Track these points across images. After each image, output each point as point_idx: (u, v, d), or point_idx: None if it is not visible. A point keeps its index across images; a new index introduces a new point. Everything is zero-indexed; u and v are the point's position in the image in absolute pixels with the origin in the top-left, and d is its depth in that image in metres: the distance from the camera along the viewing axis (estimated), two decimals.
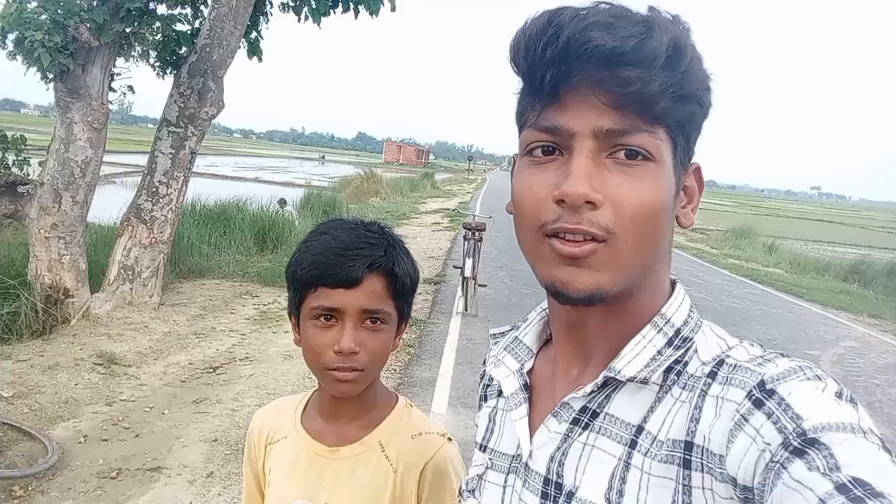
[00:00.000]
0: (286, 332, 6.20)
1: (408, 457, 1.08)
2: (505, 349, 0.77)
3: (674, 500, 0.55)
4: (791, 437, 0.47)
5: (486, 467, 0.75)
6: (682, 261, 15.34)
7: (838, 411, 0.48)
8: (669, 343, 0.63)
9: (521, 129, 0.65)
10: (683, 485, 0.55)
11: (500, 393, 0.78)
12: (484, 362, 0.86)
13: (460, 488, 0.80)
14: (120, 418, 4.11)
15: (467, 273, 7.30)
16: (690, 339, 0.63)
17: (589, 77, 0.57)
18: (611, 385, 0.63)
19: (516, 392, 0.72)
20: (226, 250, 8.87)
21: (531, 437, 0.68)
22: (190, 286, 7.52)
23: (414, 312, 1.21)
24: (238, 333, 6.08)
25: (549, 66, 0.57)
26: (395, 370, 5.44)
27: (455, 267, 8.12)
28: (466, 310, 7.48)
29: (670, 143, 0.60)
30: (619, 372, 0.62)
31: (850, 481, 0.43)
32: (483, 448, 0.77)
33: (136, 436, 3.92)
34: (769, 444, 0.48)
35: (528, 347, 0.76)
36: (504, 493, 0.71)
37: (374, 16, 8.54)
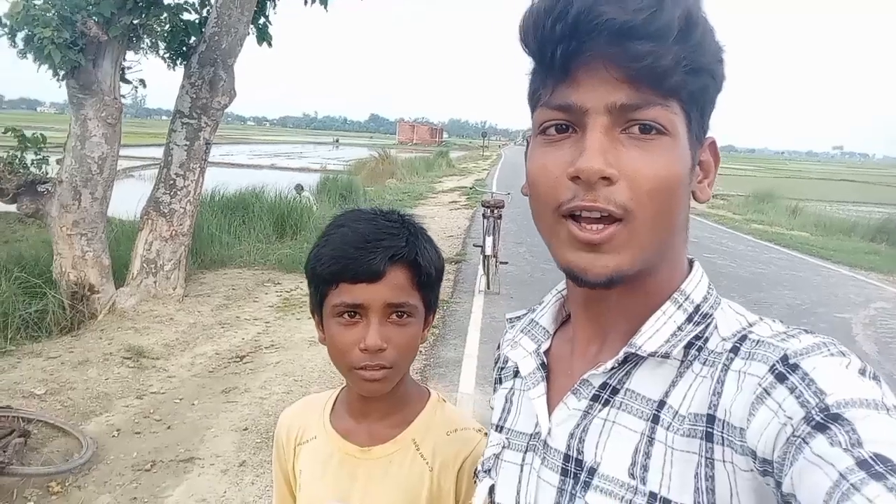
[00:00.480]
0: (310, 318, 6.21)
1: (444, 454, 1.04)
2: (521, 331, 0.77)
3: (696, 474, 0.55)
4: (813, 411, 0.47)
5: (503, 446, 0.74)
6: (704, 228, 15.14)
7: (862, 387, 0.48)
8: (689, 319, 0.63)
9: (533, 109, 0.64)
10: (706, 458, 0.54)
11: (515, 374, 0.78)
12: (499, 346, 0.85)
13: (475, 469, 0.80)
14: (151, 411, 4.15)
15: (488, 251, 7.26)
16: (710, 316, 0.63)
17: (600, 52, 0.56)
18: (631, 361, 0.63)
19: (534, 371, 0.72)
20: (246, 239, 8.90)
21: (549, 415, 0.68)
22: (212, 276, 7.57)
23: None
24: (262, 321, 6.11)
25: (559, 42, 0.57)
26: (421, 352, 5.42)
27: (475, 245, 8.07)
28: (489, 288, 7.45)
29: (684, 117, 0.59)
30: (640, 347, 0.61)
31: (871, 457, 0.43)
32: (499, 429, 0.77)
33: (168, 427, 3.95)
34: (791, 419, 0.48)
35: (544, 329, 0.76)
36: (522, 471, 0.70)
37: None
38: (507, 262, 8.16)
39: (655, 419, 0.59)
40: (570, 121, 0.59)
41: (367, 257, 0.93)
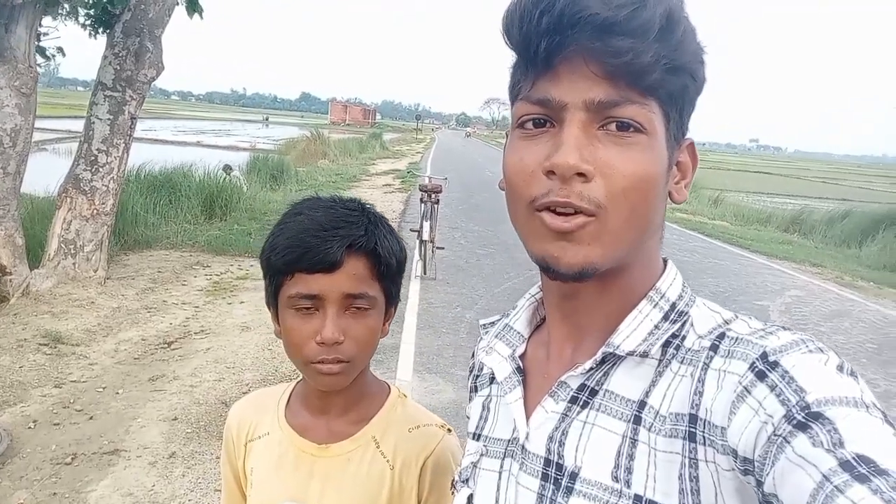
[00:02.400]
0: (242, 302, 6.04)
1: (406, 451, 1.01)
2: (496, 337, 0.76)
3: (680, 474, 0.54)
4: (794, 409, 0.47)
5: (481, 454, 0.73)
6: None
7: (841, 385, 0.48)
8: (666, 317, 0.63)
9: (513, 101, 0.64)
10: (690, 458, 0.54)
11: (492, 381, 0.78)
12: (473, 354, 0.84)
13: (453, 480, 0.78)
14: (71, 400, 3.93)
15: (425, 236, 7.23)
16: (686, 314, 0.63)
17: (582, 47, 0.56)
18: (609, 361, 0.63)
19: (510, 375, 0.71)
20: (173, 219, 8.55)
21: (527, 419, 0.67)
22: (137, 258, 7.23)
23: None
24: (191, 306, 5.88)
25: (544, 35, 0.56)
26: None
27: (412, 230, 8.01)
28: (425, 273, 7.42)
29: (663, 117, 0.59)
30: (618, 347, 0.61)
31: (854, 458, 0.43)
32: (476, 437, 0.76)
33: (90, 418, 3.75)
34: (771, 417, 0.48)
35: (519, 333, 0.75)
36: (500, 478, 0.69)
37: None
38: (443, 248, 8.15)
39: (637, 420, 0.59)
40: (548, 115, 0.59)
41: (323, 246, 0.89)
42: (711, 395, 0.54)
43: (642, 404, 0.59)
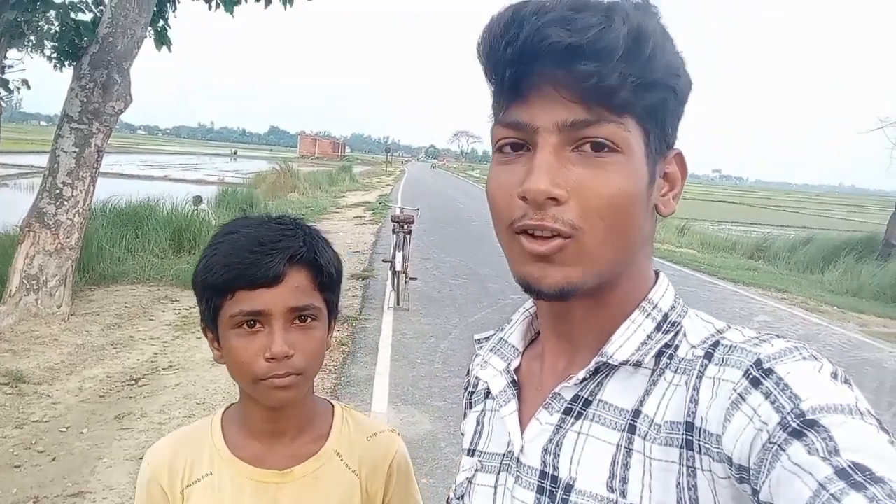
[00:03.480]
0: None
1: (371, 459, 1.02)
2: (491, 351, 0.76)
3: (678, 483, 0.54)
4: (789, 417, 0.47)
5: (476, 469, 0.73)
6: None
7: (835, 392, 0.49)
8: (658, 328, 0.63)
9: (493, 124, 0.65)
10: (688, 466, 0.54)
11: (486, 396, 0.77)
12: (468, 372, 0.85)
13: (448, 497, 0.77)
14: (33, 441, 3.78)
15: (398, 267, 7.20)
16: (678, 324, 0.63)
17: (548, 74, 0.56)
18: (603, 372, 0.63)
19: (504, 389, 0.71)
20: (140, 254, 8.39)
21: (522, 432, 0.67)
22: (102, 293, 7.05)
23: (344, 309, 1.11)
24: (159, 341, 5.74)
25: (509, 65, 0.57)
26: (331, 370, 5.28)
27: (384, 261, 7.98)
28: (398, 304, 7.37)
29: (641, 132, 0.59)
30: (612, 356, 0.61)
31: (849, 465, 0.43)
32: (471, 452, 0.75)
33: (53, 459, 3.60)
34: (766, 424, 0.48)
35: (513, 347, 0.75)
36: (496, 493, 0.69)
37: (288, 5, 8.26)
38: (415, 278, 8.13)
39: (631, 429, 0.59)
40: (522, 139, 0.60)
41: (264, 260, 0.88)
42: (706, 403, 0.54)
43: (637, 413, 0.59)
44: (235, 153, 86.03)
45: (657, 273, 0.69)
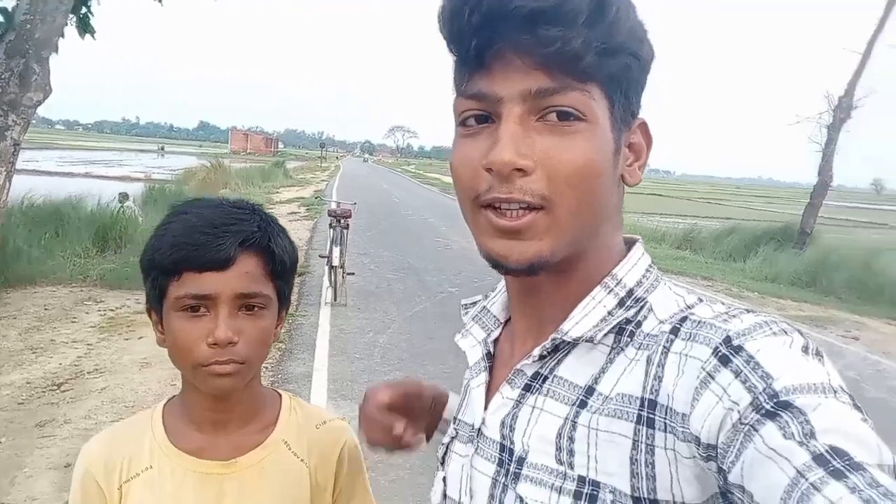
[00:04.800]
0: (141, 337, 5.69)
1: (320, 448, 1.00)
2: (473, 319, 0.76)
3: (632, 458, 0.53)
4: (762, 397, 0.46)
5: (452, 437, 0.74)
6: None
7: (808, 369, 0.48)
8: (621, 304, 0.62)
9: (455, 96, 0.63)
10: (646, 444, 0.53)
11: None
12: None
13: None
14: None
15: (335, 262, 7.12)
16: (643, 300, 0.62)
17: (512, 40, 0.55)
18: (562, 349, 0.63)
19: (479, 361, 0.71)
20: (61, 253, 7.99)
21: (486, 405, 0.67)
22: (19, 296, 6.69)
23: None
24: (83, 344, 5.48)
25: (474, 33, 0.56)
26: (267, 367, 5.17)
27: (321, 256, 7.87)
28: (335, 300, 7.28)
29: (605, 101, 0.59)
30: (567, 333, 0.61)
31: (827, 451, 0.42)
32: (455, 420, 0.76)
33: None
34: (737, 404, 0.47)
35: (495, 317, 0.75)
36: (464, 462, 0.70)
37: None
38: (353, 273, 8.06)
39: (582, 404, 0.59)
40: (486, 110, 0.59)
41: (214, 242, 0.85)
42: (672, 381, 0.53)
43: (590, 390, 0.59)
44: (163, 149, 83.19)
45: (632, 245, 0.68)
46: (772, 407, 0.45)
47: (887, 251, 13.40)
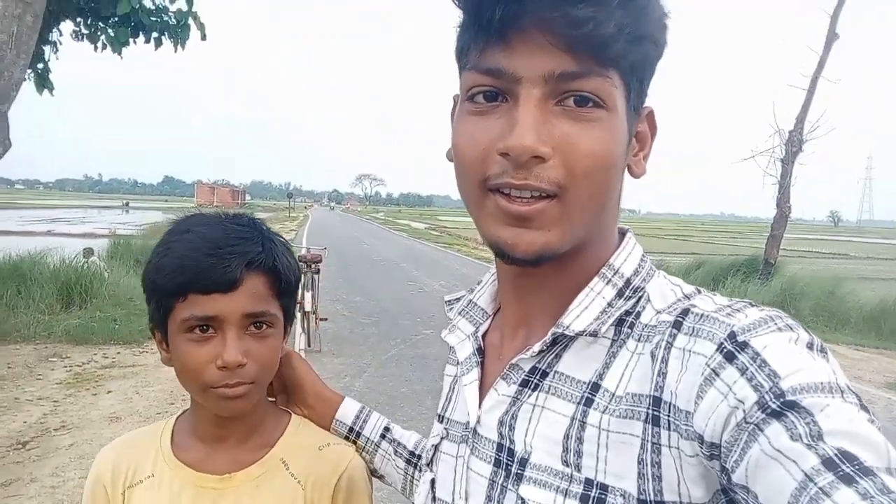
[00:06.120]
0: (109, 392, 5.54)
1: (318, 472, 0.96)
2: (459, 314, 0.73)
3: (640, 459, 0.51)
4: (768, 396, 0.44)
5: (441, 437, 0.71)
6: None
7: (814, 368, 0.46)
8: (620, 294, 0.60)
9: (461, 69, 0.60)
10: (652, 442, 0.51)
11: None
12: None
13: (419, 462, 0.76)
14: None
15: (307, 307, 7.06)
16: (642, 289, 0.61)
17: (540, 17, 0.51)
18: (560, 343, 0.60)
19: (469, 356, 0.68)
20: (23, 311, 7.78)
21: (481, 402, 0.64)
22: None
23: None
24: (49, 401, 5.30)
25: (498, 2, 0.52)
26: None
27: None
28: (309, 346, 7.20)
29: (624, 88, 0.56)
30: (568, 327, 0.58)
31: (836, 454, 0.41)
32: (441, 419, 0.73)
33: None
34: (742, 402, 0.45)
35: (482, 309, 0.73)
36: (457, 463, 0.66)
37: (179, 47, 8.09)
38: (326, 319, 7.98)
39: (588, 402, 0.56)
40: (500, 87, 0.55)
41: (220, 265, 0.84)
42: (675, 377, 0.51)
43: (595, 386, 0.57)
44: (127, 204, 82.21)
45: (625, 233, 0.66)
46: (778, 406, 0.44)
47: (851, 279, 13.75)
